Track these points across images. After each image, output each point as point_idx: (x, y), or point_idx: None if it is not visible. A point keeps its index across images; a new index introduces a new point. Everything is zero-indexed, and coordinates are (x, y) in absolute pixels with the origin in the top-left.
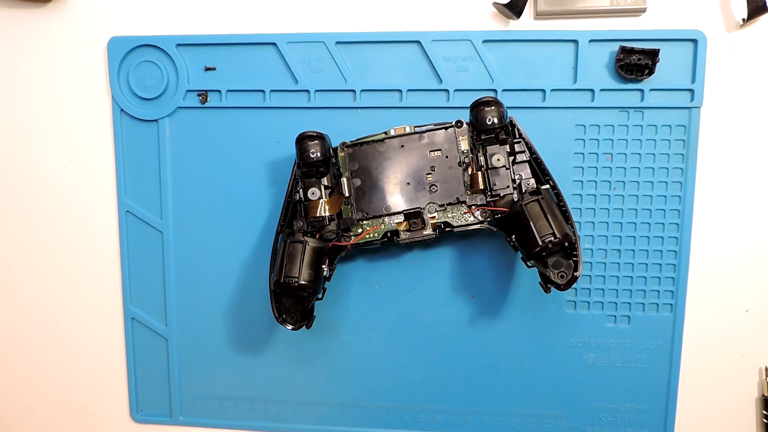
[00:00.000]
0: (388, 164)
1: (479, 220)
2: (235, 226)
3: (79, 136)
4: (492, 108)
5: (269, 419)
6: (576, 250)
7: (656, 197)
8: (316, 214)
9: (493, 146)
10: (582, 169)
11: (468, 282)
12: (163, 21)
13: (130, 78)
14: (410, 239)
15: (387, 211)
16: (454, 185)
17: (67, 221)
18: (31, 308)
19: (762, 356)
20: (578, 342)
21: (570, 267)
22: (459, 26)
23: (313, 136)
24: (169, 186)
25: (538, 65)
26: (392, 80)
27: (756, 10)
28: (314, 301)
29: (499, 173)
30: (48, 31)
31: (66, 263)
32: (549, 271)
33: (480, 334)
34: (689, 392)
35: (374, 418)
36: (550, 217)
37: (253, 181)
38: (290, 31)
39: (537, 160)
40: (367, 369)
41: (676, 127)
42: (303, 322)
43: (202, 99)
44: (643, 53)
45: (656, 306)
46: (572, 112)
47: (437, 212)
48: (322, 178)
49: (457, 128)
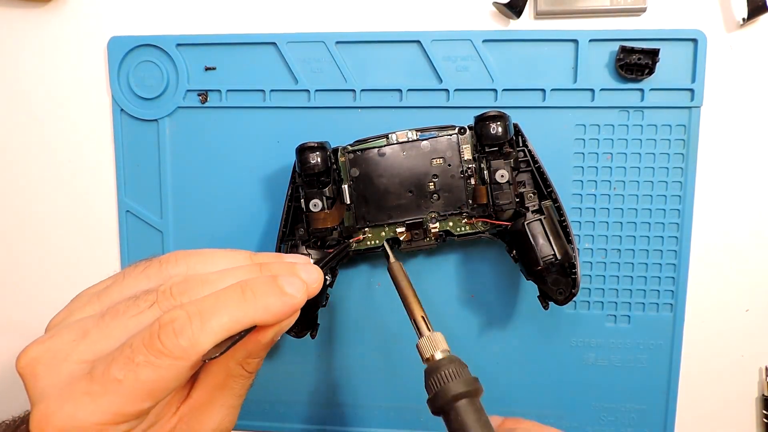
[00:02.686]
0: (390, 172)
1: (481, 231)
2: (235, 226)
3: (79, 136)
4: (498, 123)
5: (269, 419)
6: (575, 267)
7: (656, 197)
8: (319, 226)
9: (498, 161)
10: (582, 168)
11: (468, 282)
12: (163, 21)
13: (130, 78)
14: (411, 248)
15: (389, 221)
16: (457, 195)
17: (67, 221)
18: (32, 308)
19: (762, 356)
20: (578, 342)
21: (569, 284)
22: (459, 26)
23: (314, 147)
24: (169, 186)
25: (538, 65)
26: (392, 80)
27: (756, 10)
28: (317, 309)
29: (502, 188)
30: (48, 31)
31: (66, 263)
32: (548, 289)
33: (480, 334)
34: (689, 392)
35: (374, 418)
36: (552, 236)
37: (253, 181)
38: (290, 31)
39: (540, 170)
40: (367, 369)
41: (676, 126)
42: (306, 330)
43: (202, 99)
44: (643, 53)
45: (656, 306)
46: (572, 111)
47: (439, 222)
48: (323, 188)
49: (460, 135)
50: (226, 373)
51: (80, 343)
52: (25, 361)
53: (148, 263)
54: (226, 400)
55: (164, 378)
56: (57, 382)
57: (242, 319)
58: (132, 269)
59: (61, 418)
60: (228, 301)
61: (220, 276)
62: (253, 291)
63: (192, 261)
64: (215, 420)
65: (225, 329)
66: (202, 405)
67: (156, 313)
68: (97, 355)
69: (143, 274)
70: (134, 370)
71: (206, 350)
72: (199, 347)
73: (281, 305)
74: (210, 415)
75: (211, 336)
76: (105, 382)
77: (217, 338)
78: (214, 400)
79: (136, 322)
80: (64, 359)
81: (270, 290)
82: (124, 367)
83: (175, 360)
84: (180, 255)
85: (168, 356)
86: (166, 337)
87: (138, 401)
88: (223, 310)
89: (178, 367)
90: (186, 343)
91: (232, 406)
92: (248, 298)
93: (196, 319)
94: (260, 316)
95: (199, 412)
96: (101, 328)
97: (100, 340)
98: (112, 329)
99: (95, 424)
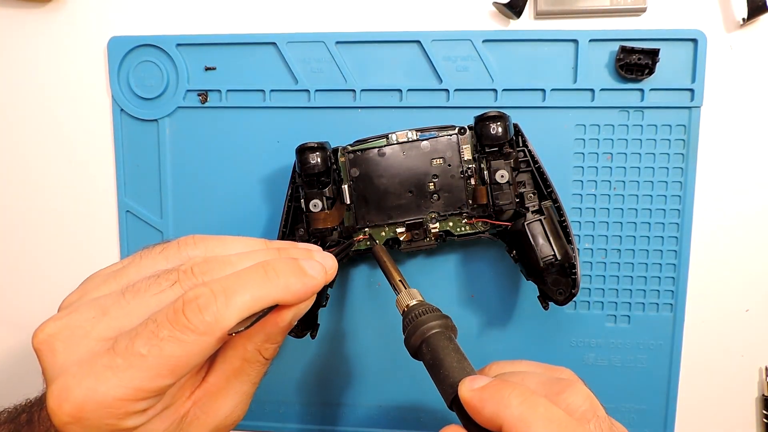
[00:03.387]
0: (390, 172)
1: (481, 231)
2: (235, 226)
3: (79, 136)
4: (498, 123)
5: (269, 419)
6: (575, 268)
7: (656, 197)
8: (319, 226)
9: (498, 161)
10: (582, 168)
11: (468, 282)
12: (163, 21)
13: (130, 78)
14: (411, 248)
15: (389, 221)
16: (457, 195)
17: (67, 221)
18: (32, 309)
19: (762, 356)
20: (578, 342)
21: (569, 285)
22: (459, 26)
23: (314, 147)
24: (169, 186)
25: (538, 65)
26: (392, 80)
27: (756, 10)
28: (318, 310)
29: (502, 188)
30: (48, 31)
31: (66, 263)
32: (548, 289)
33: (480, 334)
34: (689, 392)
35: (374, 418)
36: (552, 237)
37: (253, 181)
38: (290, 31)
39: (540, 170)
40: (366, 369)
41: (676, 126)
42: (307, 331)
43: (202, 99)
44: (643, 53)
45: (656, 306)
46: (572, 111)
47: (439, 222)
48: (324, 189)
49: (460, 135)
50: (243, 359)
51: (100, 320)
52: (42, 336)
53: (165, 245)
54: (241, 386)
55: (188, 354)
56: (76, 357)
57: (265, 297)
58: (149, 251)
59: (82, 392)
60: (251, 279)
61: (239, 258)
62: (276, 271)
63: (210, 244)
64: (229, 406)
65: (248, 307)
66: (217, 390)
67: (178, 292)
68: (117, 332)
69: (161, 255)
70: (159, 345)
71: (230, 326)
72: (224, 323)
73: (302, 286)
74: (224, 401)
75: (235, 312)
76: (128, 356)
77: (241, 315)
78: (230, 386)
79: (158, 300)
80: (84, 336)
81: (292, 270)
82: (148, 342)
83: (199, 336)
84: (198, 238)
85: (193, 332)
86: (191, 312)
87: (160, 377)
88: (246, 288)
89: (202, 342)
90: (211, 319)
91: (246, 393)
92: (271, 278)
93: (221, 295)
94: (281, 295)
95: (214, 398)
96: (122, 306)
97: (121, 317)
98: (134, 307)
99: (116, 399)
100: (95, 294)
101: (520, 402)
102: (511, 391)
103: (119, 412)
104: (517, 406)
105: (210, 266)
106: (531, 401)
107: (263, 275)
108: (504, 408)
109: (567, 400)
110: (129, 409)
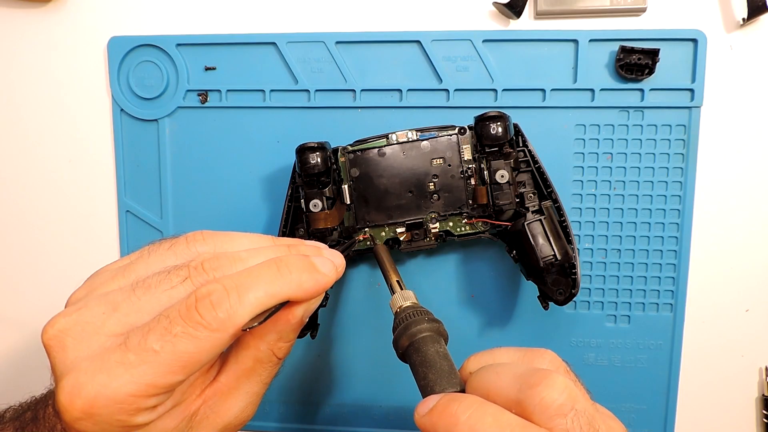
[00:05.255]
0: (390, 172)
1: (481, 231)
2: (235, 226)
3: (79, 136)
4: (498, 123)
5: (269, 419)
6: (575, 268)
7: (656, 197)
8: (319, 226)
9: (498, 161)
10: (582, 168)
11: (468, 282)
12: (163, 21)
13: (130, 78)
14: (411, 248)
15: (389, 221)
16: (457, 195)
17: (67, 221)
18: (32, 309)
19: (762, 356)
20: (578, 342)
21: (569, 285)
22: (459, 26)
23: (314, 147)
24: (169, 186)
25: (538, 65)
26: (392, 80)
27: (756, 10)
28: (318, 309)
29: (502, 188)
30: (48, 31)
31: (66, 263)
32: (548, 289)
33: (480, 334)
34: (689, 392)
35: (374, 418)
36: (552, 237)
37: (253, 181)
38: (290, 31)
39: (540, 170)
40: (366, 369)
41: (676, 126)
42: (307, 331)
43: (202, 99)
44: (643, 53)
45: (656, 306)
46: (572, 111)
47: (439, 222)
48: (324, 188)
49: (460, 135)
50: (255, 359)
51: (111, 316)
52: (52, 332)
53: (173, 240)
54: (251, 386)
55: (201, 350)
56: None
57: (277, 294)
58: (156, 246)
59: (94, 388)
60: (264, 275)
61: (249, 254)
62: (288, 267)
63: (219, 240)
64: (238, 406)
65: (261, 303)
66: (228, 390)
67: (189, 288)
68: (128, 328)
69: (170, 251)
70: (172, 341)
71: (243, 323)
72: (237, 319)
73: (314, 282)
74: (234, 400)
75: (248, 308)
76: (141, 351)
77: (254, 311)
78: (240, 386)
79: (169, 297)
80: (95, 332)
81: (304, 267)
82: (161, 338)
83: (212, 332)
84: (206, 234)
85: (206, 328)
86: (204, 308)
87: (172, 373)
88: (259, 284)
89: (215, 339)
90: (224, 315)
91: (256, 394)
92: (284, 274)
93: (234, 292)
94: (294, 291)
95: (224, 397)
96: (132, 302)
97: (132, 313)
98: (144, 303)
99: (128, 394)
100: (104, 290)
101: (469, 416)
102: (458, 406)
103: (130, 408)
104: (466, 420)
105: (220, 262)
106: (479, 412)
107: (276, 272)
108: (454, 426)
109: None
110: (140, 405)
